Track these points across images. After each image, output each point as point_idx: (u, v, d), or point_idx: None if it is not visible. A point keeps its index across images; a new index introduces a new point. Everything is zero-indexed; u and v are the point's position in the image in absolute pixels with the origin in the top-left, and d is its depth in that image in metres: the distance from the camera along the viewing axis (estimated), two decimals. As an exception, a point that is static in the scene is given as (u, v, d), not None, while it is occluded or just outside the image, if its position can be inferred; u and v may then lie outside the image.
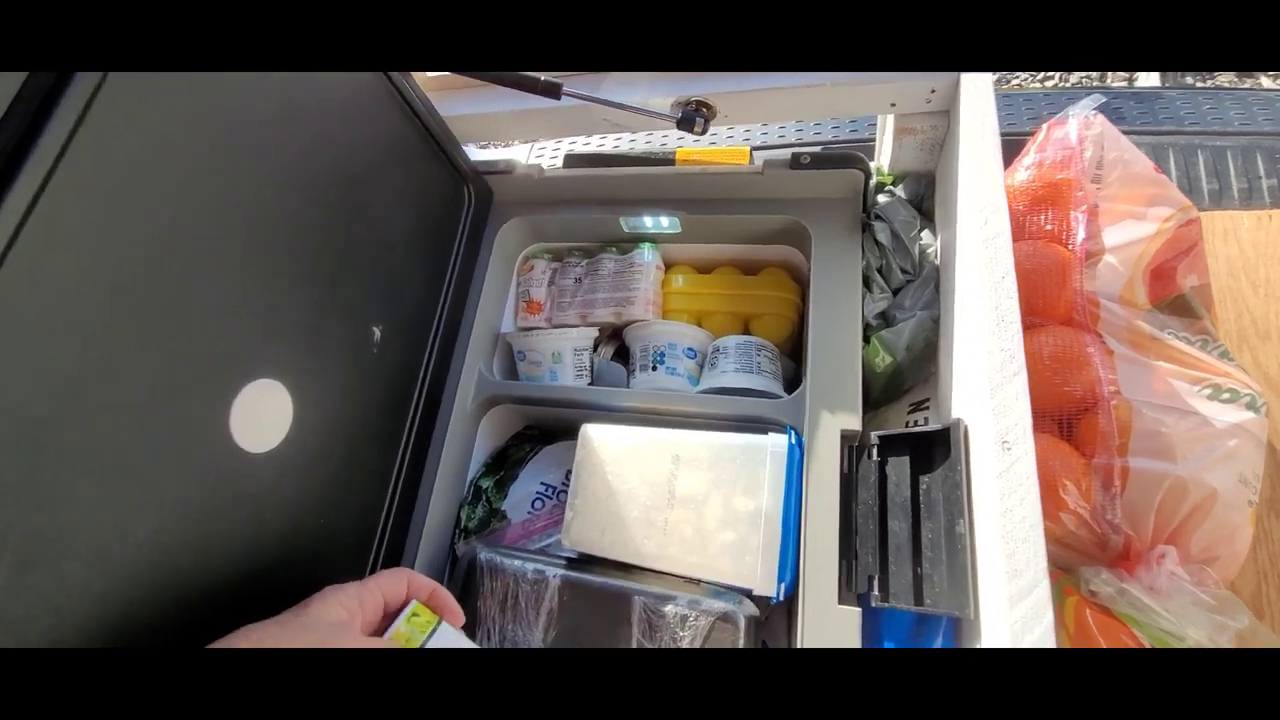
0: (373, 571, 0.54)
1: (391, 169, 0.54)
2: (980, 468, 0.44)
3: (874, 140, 0.72)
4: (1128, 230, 0.63)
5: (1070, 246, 0.63)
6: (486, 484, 0.67)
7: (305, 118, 0.45)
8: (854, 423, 0.56)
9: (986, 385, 0.43)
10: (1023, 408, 0.42)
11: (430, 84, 0.67)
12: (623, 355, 0.75)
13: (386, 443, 0.55)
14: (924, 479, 0.52)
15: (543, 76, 0.59)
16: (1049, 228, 0.65)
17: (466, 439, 0.66)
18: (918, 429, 0.52)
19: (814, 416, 0.57)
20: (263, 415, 0.41)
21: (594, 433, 0.60)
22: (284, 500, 0.43)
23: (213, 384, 0.38)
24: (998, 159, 0.50)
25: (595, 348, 0.74)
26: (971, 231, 0.50)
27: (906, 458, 0.53)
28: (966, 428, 0.48)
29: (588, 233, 0.74)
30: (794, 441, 0.57)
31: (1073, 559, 0.59)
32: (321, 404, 0.46)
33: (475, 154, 0.77)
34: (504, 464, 0.69)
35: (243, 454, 0.40)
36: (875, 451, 0.54)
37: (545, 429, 0.74)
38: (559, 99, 0.59)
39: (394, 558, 0.57)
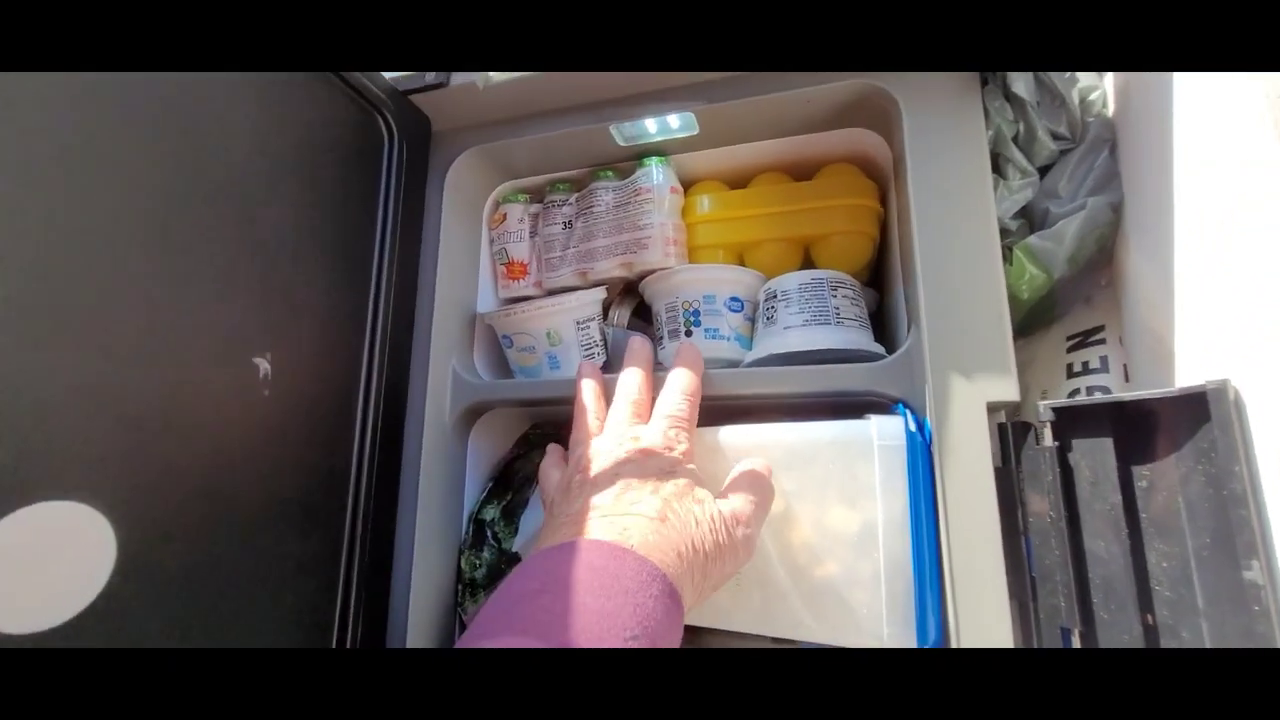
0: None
1: (239, 108, 0.34)
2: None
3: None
4: None
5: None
6: (490, 515, 0.51)
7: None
8: (1007, 389, 0.36)
9: (1318, 330, 0.23)
10: None
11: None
12: (645, 313, 0.56)
13: (317, 515, 0.38)
14: (1142, 473, 0.32)
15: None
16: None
17: (453, 462, 0.49)
18: (1130, 397, 0.32)
19: (940, 384, 0.38)
20: (51, 564, 0.24)
21: (617, 445, 0.42)
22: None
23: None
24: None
25: (605, 313, 0.55)
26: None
27: (1108, 441, 0.33)
28: (1239, 395, 0.28)
29: (571, 156, 0.53)
30: (912, 426, 0.38)
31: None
32: (173, 516, 0.29)
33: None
34: (510, 484, 0.53)
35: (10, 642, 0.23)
36: (1049, 432, 0.35)
37: (558, 425, 0.57)
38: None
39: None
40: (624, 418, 0.40)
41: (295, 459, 0.36)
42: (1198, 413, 0.29)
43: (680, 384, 0.40)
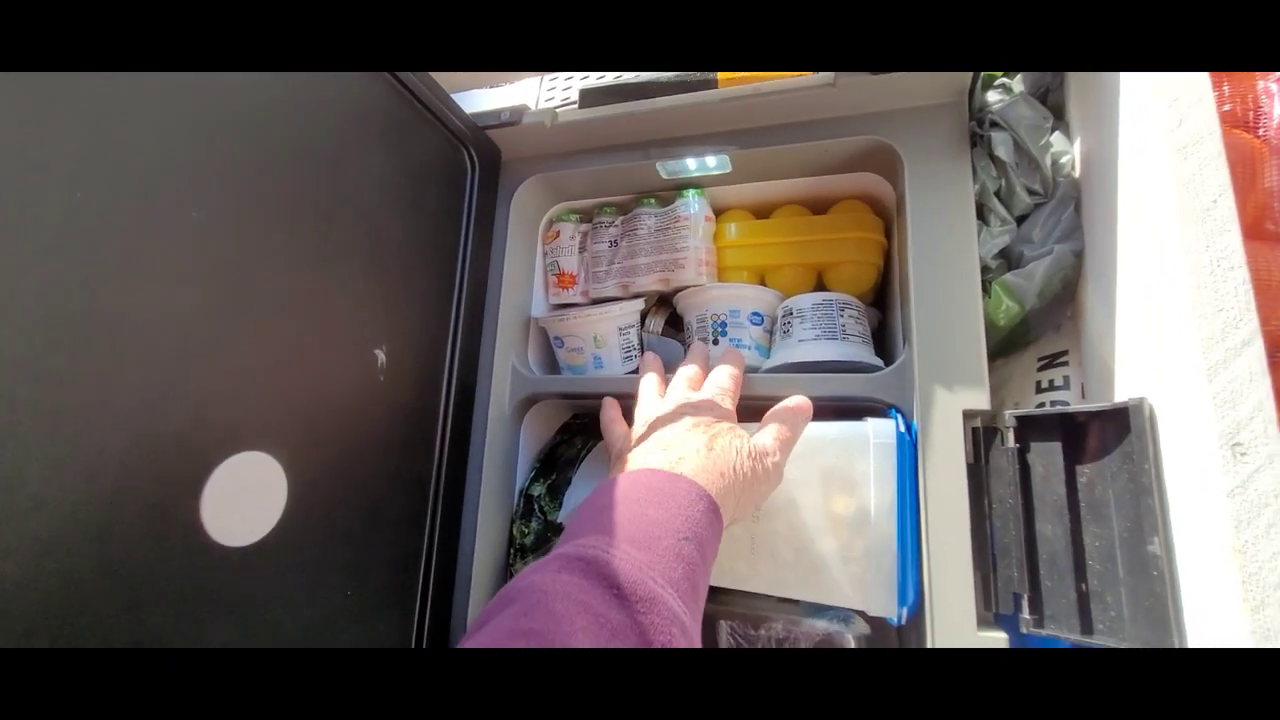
0: (421, 620, 0.47)
1: (369, 148, 0.43)
2: (1186, 473, 0.33)
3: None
4: (1345, 98, 0.46)
5: (1260, 131, 0.47)
6: (538, 491, 0.59)
7: (253, 111, 0.34)
8: (979, 399, 0.44)
9: (1201, 361, 0.31)
10: (1261, 393, 0.29)
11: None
12: (677, 322, 0.64)
13: (413, 478, 0.47)
14: (1083, 470, 0.40)
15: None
16: (1225, 107, 0.49)
17: (508, 445, 0.58)
18: (1074, 409, 0.40)
19: (925, 393, 0.45)
20: (246, 499, 0.33)
21: (653, 434, 0.51)
22: (287, 595, 0.35)
23: (177, 463, 0.30)
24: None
25: (643, 321, 0.63)
26: (1151, 132, 0.36)
27: (1058, 444, 0.41)
28: (1153, 410, 0.36)
29: (619, 184, 0.62)
30: (902, 428, 0.46)
31: None
32: (323, 467, 0.38)
33: (476, 99, 0.65)
34: (554, 465, 0.61)
35: (223, 552, 0.32)
36: (1012, 435, 0.43)
37: (596, 416, 0.65)
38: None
39: (444, 597, 0.50)
40: (681, 386, 0.48)
41: (399, 434, 0.44)
42: (1123, 423, 0.37)
43: (727, 369, 0.49)
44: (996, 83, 0.50)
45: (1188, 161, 0.33)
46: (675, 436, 0.42)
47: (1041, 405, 0.50)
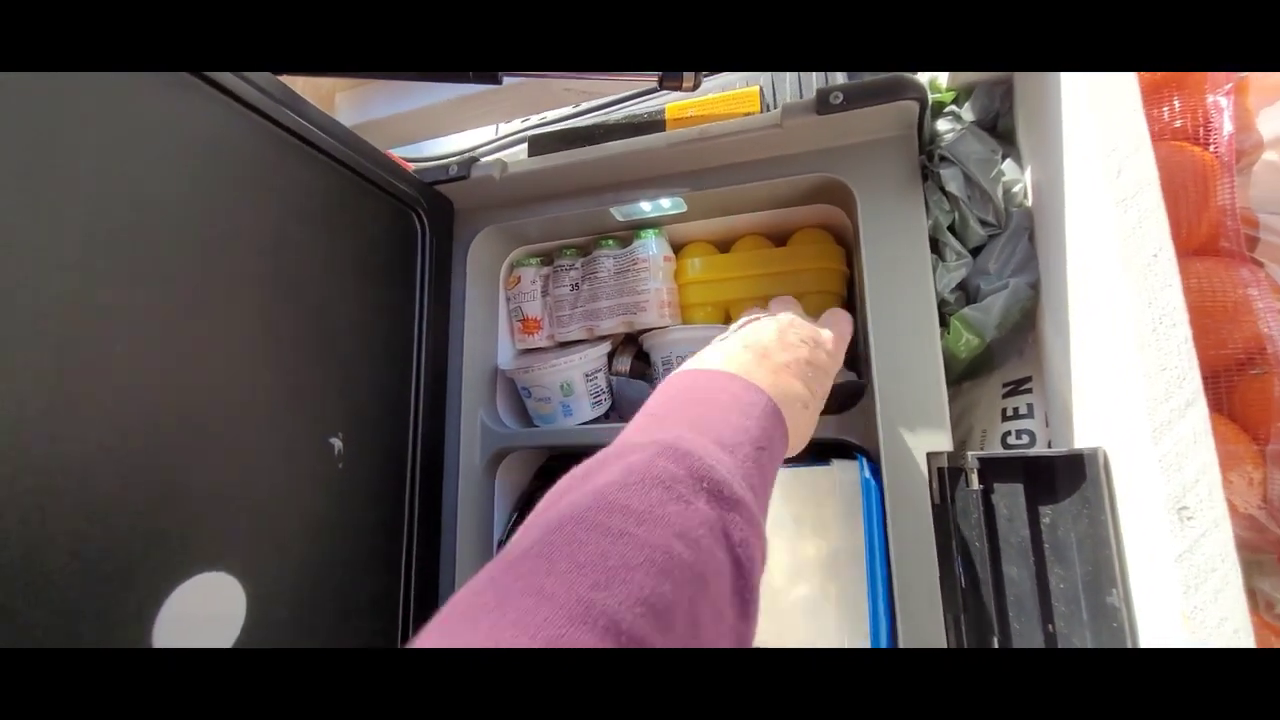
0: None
1: (308, 229, 0.42)
2: (1139, 528, 0.33)
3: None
4: (1295, 109, 0.46)
5: (1211, 146, 0.47)
6: (516, 542, 0.59)
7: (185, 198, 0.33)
8: (941, 441, 0.44)
9: (1146, 423, 0.31)
10: (1206, 457, 0.29)
11: (342, 85, 0.53)
12: (644, 357, 0.64)
13: (383, 557, 0.47)
14: (1046, 511, 0.40)
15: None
16: (1177, 123, 0.48)
17: (483, 500, 0.58)
18: (1033, 453, 0.40)
19: (889, 435, 0.45)
20: (203, 621, 0.32)
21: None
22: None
23: (125, 593, 0.30)
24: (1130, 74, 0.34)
25: (610, 362, 0.63)
26: (1093, 180, 0.35)
27: (1020, 486, 0.41)
28: (1107, 458, 0.36)
29: (576, 227, 0.61)
30: (867, 474, 0.46)
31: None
32: (284, 571, 0.37)
33: (427, 146, 0.64)
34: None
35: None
36: (975, 477, 0.43)
37: (573, 455, 0.65)
38: (499, 83, 0.45)
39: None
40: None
41: (362, 519, 0.44)
42: (1080, 470, 0.37)
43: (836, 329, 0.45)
44: (945, 110, 0.50)
45: (1127, 214, 0.33)
46: (766, 339, 0.39)
47: (1008, 434, 0.50)
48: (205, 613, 0.32)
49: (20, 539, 0.25)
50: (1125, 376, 0.33)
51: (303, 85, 0.52)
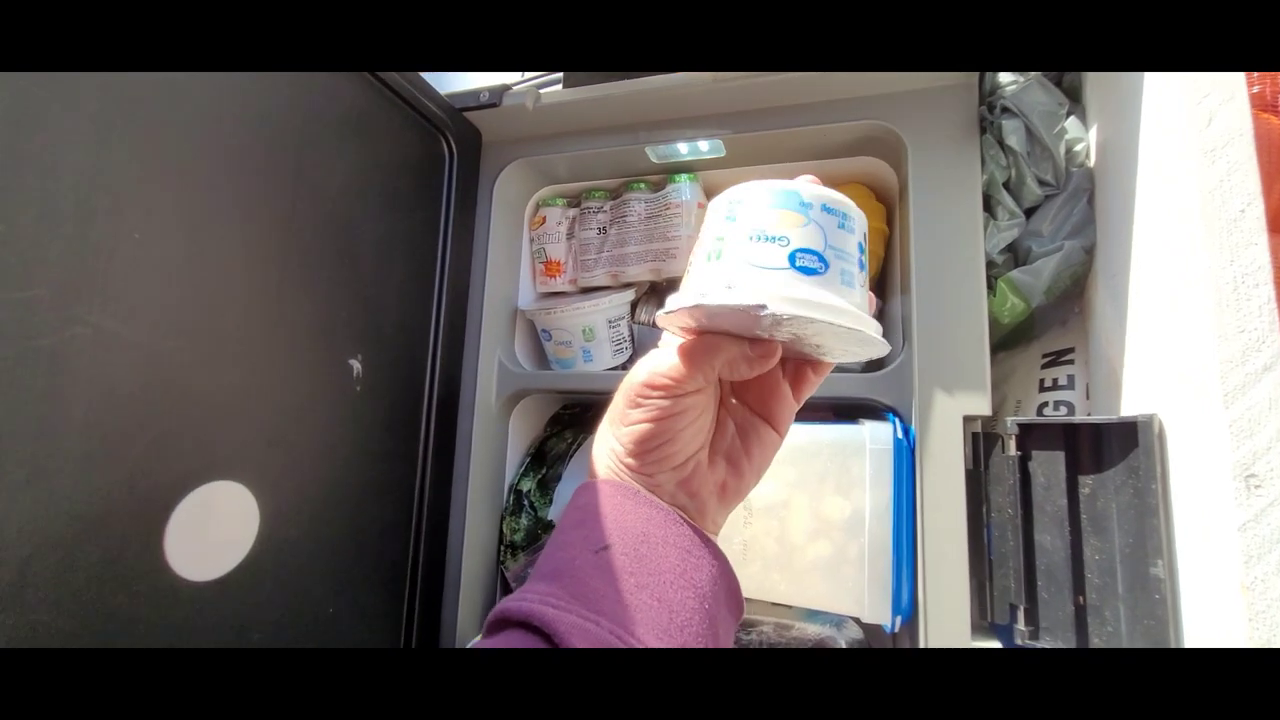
0: (409, 625, 0.47)
1: (333, 144, 0.40)
2: (1195, 499, 0.31)
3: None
4: (1382, 80, 0.43)
5: (1288, 115, 0.44)
6: (527, 486, 0.58)
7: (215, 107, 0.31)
8: (980, 405, 0.43)
9: (1218, 385, 0.29)
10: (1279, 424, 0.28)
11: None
12: (667, 311, 0.62)
13: (397, 485, 0.46)
14: (1085, 481, 0.39)
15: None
16: (1254, 89, 0.46)
17: (496, 440, 0.56)
18: (1079, 420, 0.39)
19: (925, 397, 0.44)
20: (215, 531, 0.31)
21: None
22: (264, 620, 0.34)
23: (135, 502, 0.28)
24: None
25: (634, 310, 0.61)
26: (1178, 129, 0.33)
27: (1060, 454, 0.40)
28: (1163, 428, 0.34)
29: (608, 167, 0.58)
30: (899, 434, 0.44)
31: None
32: (298, 488, 0.36)
33: (454, 77, 0.61)
34: (544, 460, 0.60)
35: (192, 589, 0.30)
36: (1013, 443, 0.41)
37: (586, 405, 0.63)
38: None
39: (432, 600, 0.49)
40: None
41: (378, 444, 0.43)
42: (1130, 438, 0.35)
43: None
44: (1010, 61, 0.47)
45: (1215, 166, 0.31)
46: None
47: (1045, 405, 0.48)
48: (218, 522, 0.31)
49: (26, 430, 0.24)
50: (1195, 339, 0.31)
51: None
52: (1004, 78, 0.47)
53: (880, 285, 0.59)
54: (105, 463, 0.27)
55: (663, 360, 0.27)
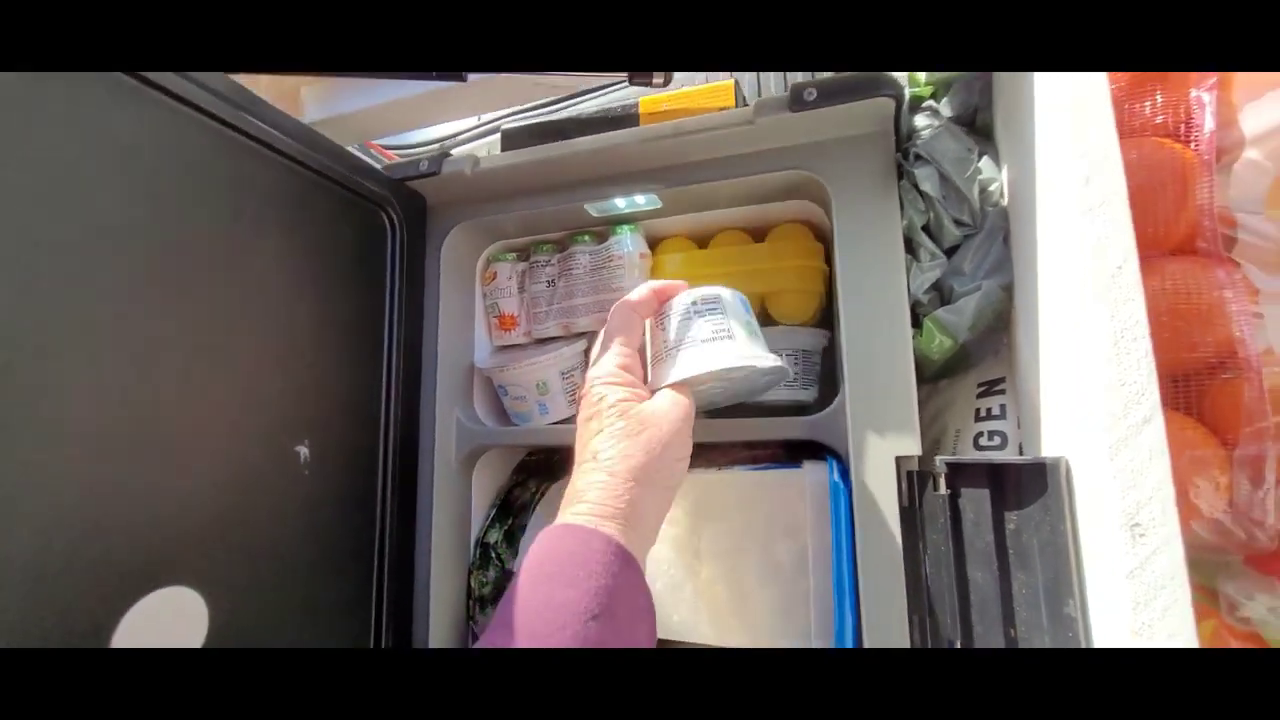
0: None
1: (272, 233, 0.42)
2: (1096, 542, 0.33)
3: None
4: None
5: (1192, 143, 0.46)
6: (494, 538, 0.60)
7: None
8: (910, 445, 0.44)
9: (1104, 437, 0.30)
10: (1160, 473, 0.29)
11: (307, 79, 0.52)
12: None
13: (352, 560, 0.47)
14: (1011, 517, 0.40)
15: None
16: (1159, 119, 0.47)
17: (459, 497, 0.58)
18: (999, 460, 0.40)
19: (859, 440, 0.45)
20: (163, 637, 0.33)
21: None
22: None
23: (81, 613, 0.30)
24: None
25: (587, 356, 0.62)
26: (1062, 185, 0.34)
27: (986, 491, 0.41)
28: (1069, 468, 0.36)
29: (552, 223, 0.60)
30: (835, 476, 0.46)
31: (1198, 555, 0.47)
32: (247, 581, 0.37)
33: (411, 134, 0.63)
34: (510, 509, 0.61)
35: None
36: (943, 481, 0.43)
37: (553, 449, 0.65)
38: (464, 80, 0.44)
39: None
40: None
41: (332, 520, 0.44)
42: (1042, 479, 0.37)
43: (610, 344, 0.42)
44: (923, 105, 0.49)
45: (1094, 225, 0.32)
46: (577, 473, 0.38)
47: (980, 435, 0.49)
48: (165, 627, 0.33)
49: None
50: (1088, 388, 0.32)
51: (266, 82, 0.51)
52: (919, 120, 0.48)
53: (827, 319, 0.60)
54: (46, 593, 0.28)
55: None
